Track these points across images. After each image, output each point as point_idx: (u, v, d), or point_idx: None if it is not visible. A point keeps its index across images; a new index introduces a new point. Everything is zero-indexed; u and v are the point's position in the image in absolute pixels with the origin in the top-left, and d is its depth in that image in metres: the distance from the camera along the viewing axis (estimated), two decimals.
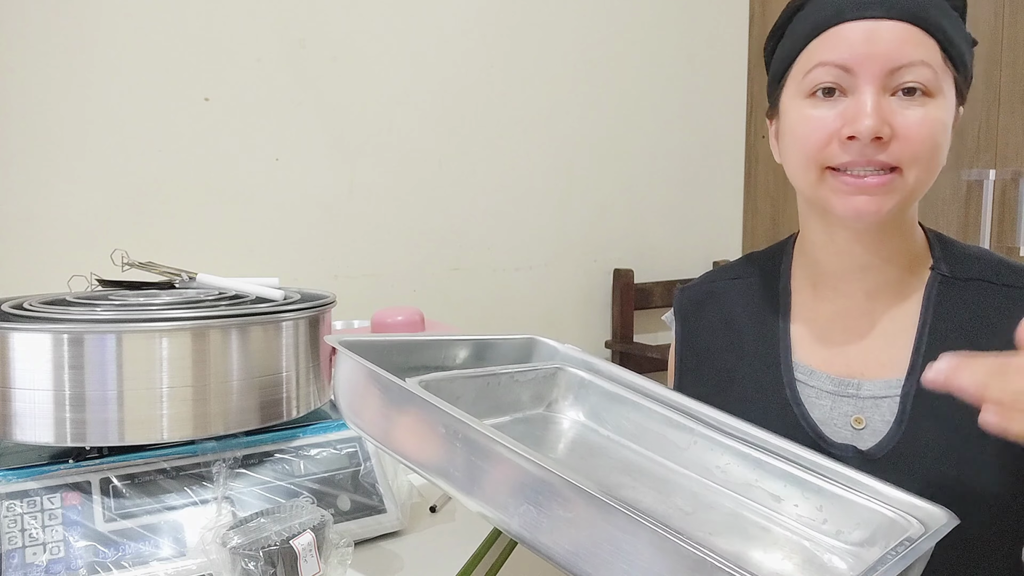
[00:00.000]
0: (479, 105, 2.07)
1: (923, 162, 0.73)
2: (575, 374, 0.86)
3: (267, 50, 1.77)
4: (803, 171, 0.77)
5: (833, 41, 0.74)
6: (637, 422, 0.81)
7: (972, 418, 0.75)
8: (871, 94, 0.72)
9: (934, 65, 0.72)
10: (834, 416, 0.81)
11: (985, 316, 0.77)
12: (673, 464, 0.78)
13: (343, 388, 0.68)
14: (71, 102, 1.57)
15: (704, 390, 0.86)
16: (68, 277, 0.97)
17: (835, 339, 0.83)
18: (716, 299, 0.93)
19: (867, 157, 0.72)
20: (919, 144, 0.72)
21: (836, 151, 0.74)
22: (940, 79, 0.73)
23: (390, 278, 1.98)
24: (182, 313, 0.78)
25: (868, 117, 0.71)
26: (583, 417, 0.85)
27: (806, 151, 0.76)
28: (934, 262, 0.81)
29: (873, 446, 0.78)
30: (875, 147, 0.72)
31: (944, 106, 0.73)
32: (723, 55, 2.54)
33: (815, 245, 0.84)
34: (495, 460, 0.57)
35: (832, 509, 0.70)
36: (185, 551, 0.74)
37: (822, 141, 0.74)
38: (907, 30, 0.72)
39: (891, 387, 0.79)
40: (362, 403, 0.67)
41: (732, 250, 2.61)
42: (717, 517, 0.71)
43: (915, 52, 0.71)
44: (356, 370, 0.66)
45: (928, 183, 0.75)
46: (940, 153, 0.74)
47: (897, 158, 0.72)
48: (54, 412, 0.74)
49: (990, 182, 2.07)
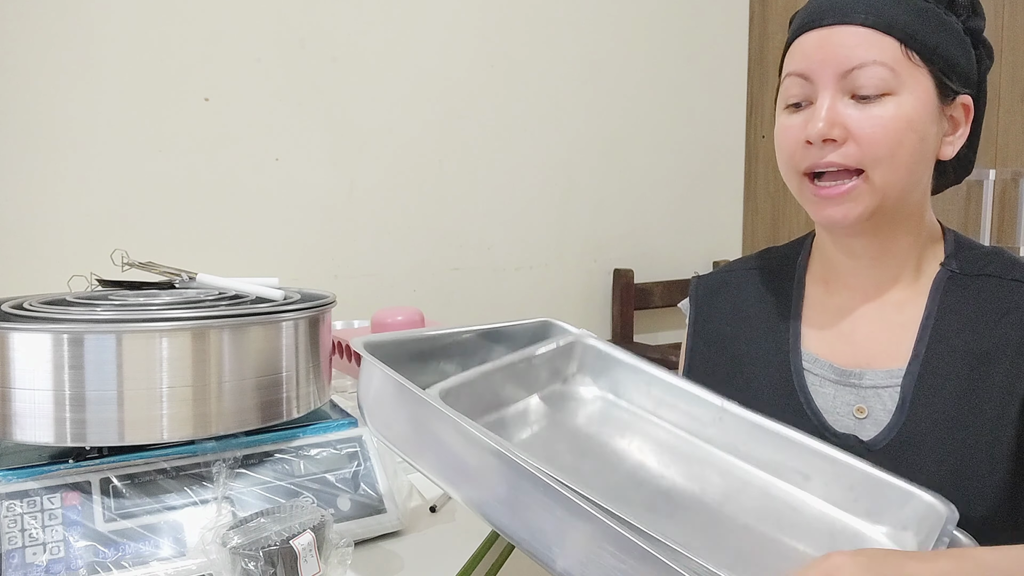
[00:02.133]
0: (479, 105, 2.07)
1: (884, 160, 0.74)
2: (592, 346, 0.84)
3: (267, 50, 1.76)
4: (787, 179, 0.82)
5: (796, 52, 0.78)
6: (659, 397, 0.80)
7: (972, 408, 0.75)
8: (827, 98, 0.75)
9: (891, 63, 0.73)
10: (837, 405, 0.82)
11: (990, 309, 0.78)
12: (699, 441, 0.77)
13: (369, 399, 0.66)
14: (71, 102, 1.57)
15: (713, 376, 0.87)
16: (68, 277, 0.97)
17: (842, 329, 0.84)
18: (730, 288, 0.95)
19: (826, 160, 0.75)
20: (875, 144, 0.73)
21: (800, 156, 0.77)
22: (902, 76, 0.73)
23: (390, 278, 1.98)
24: (182, 313, 0.78)
25: (820, 120, 0.74)
26: (603, 391, 0.83)
27: (783, 160, 0.80)
28: (946, 259, 0.82)
29: (875, 436, 0.78)
30: (830, 148, 0.75)
31: (910, 103, 0.74)
32: (723, 55, 2.54)
33: (825, 242, 0.86)
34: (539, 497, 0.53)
35: (864, 488, 0.70)
36: (185, 551, 0.74)
37: (791, 148, 0.78)
38: (859, 33, 0.74)
39: (893, 376, 0.80)
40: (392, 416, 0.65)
41: (732, 250, 2.61)
42: (749, 502, 0.71)
43: (867, 53, 0.73)
44: (384, 382, 0.64)
45: (903, 179, 0.76)
46: (903, 149, 0.74)
47: (857, 160, 0.74)
48: (54, 412, 0.73)
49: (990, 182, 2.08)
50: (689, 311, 0.98)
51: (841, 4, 0.75)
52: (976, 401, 0.76)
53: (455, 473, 0.60)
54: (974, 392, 0.76)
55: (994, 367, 0.75)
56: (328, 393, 0.94)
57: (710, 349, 0.94)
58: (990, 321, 0.77)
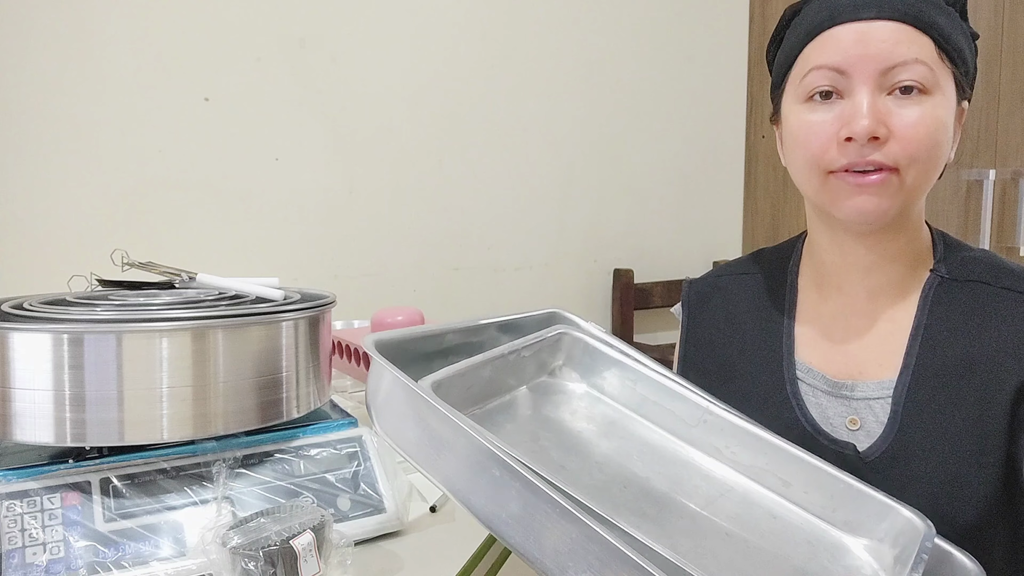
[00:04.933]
0: (479, 105, 2.07)
1: (921, 161, 0.72)
2: (579, 339, 0.82)
3: (267, 50, 1.76)
4: (807, 176, 0.78)
5: (827, 44, 0.75)
6: (644, 395, 0.79)
7: (962, 417, 0.75)
8: (866, 94, 0.72)
9: (929, 62, 0.72)
10: (830, 416, 0.81)
11: (979, 318, 0.77)
12: (682, 442, 0.77)
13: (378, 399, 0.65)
14: (71, 102, 1.57)
15: (705, 383, 0.86)
16: (68, 277, 0.97)
17: (835, 338, 0.84)
18: (722, 293, 0.94)
19: (865, 158, 0.72)
20: (916, 143, 0.72)
21: (835, 155, 0.74)
22: (937, 76, 0.72)
23: (390, 278, 1.98)
24: (182, 313, 0.78)
25: (864, 117, 0.71)
26: (589, 386, 0.82)
27: (807, 156, 0.76)
28: (935, 263, 0.81)
29: (868, 447, 0.78)
30: (872, 147, 0.72)
31: (942, 103, 0.73)
32: (723, 55, 2.54)
33: (821, 247, 0.85)
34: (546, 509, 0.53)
35: (843, 499, 0.70)
36: (185, 551, 0.74)
37: (822, 145, 0.75)
38: (900, 29, 0.72)
39: (884, 388, 0.79)
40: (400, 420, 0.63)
41: (732, 250, 2.61)
42: (730, 507, 0.70)
43: (909, 51, 0.71)
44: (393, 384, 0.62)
45: (929, 182, 0.75)
46: (939, 151, 0.73)
47: (895, 159, 0.72)
48: (54, 412, 0.73)
49: (990, 182, 2.08)
50: (681, 316, 0.97)
51: None
52: (966, 410, 0.75)
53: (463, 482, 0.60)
54: (964, 401, 0.75)
55: (982, 376, 0.75)
56: (328, 393, 0.94)
57: (702, 354, 0.93)
58: (979, 329, 0.77)
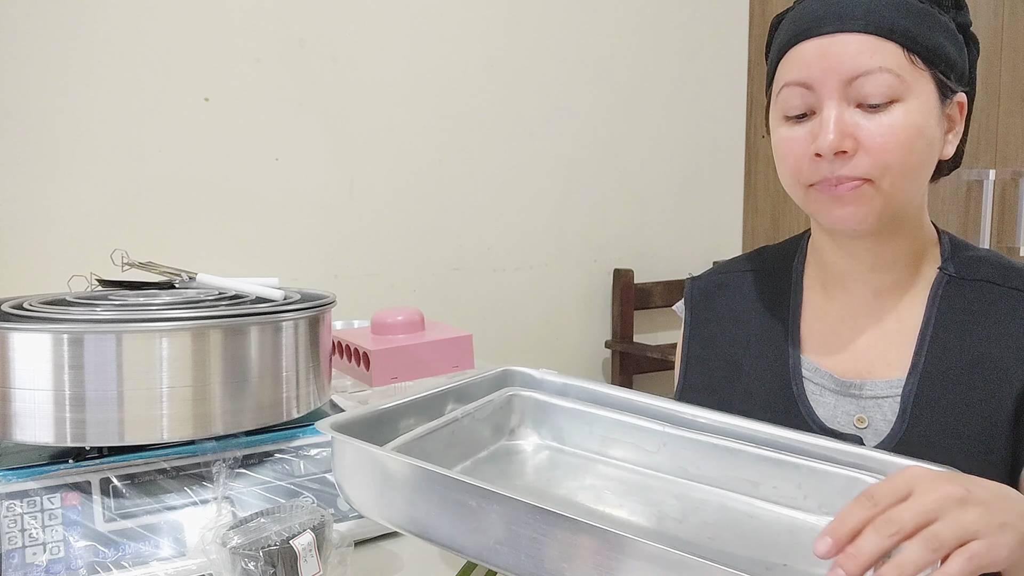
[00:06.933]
0: (479, 105, 2.07)
1: (895, 168, 0.72)
2: (529, 397, 0.84)
3: (267, 50, 1.76)
4: (791, 190, 0.80)
5: (794, 61, 0.76)
6: (602, 435, 0.81)
7: (968, 415, 0.75)
8: (832, 109, 0.73)
9: (896, 69, 0.72)
10: (837, 414, 0.82)
11: (988, 318, 0.77)
12: (649, 470, 0.78)
13: (345, 474, 0.65)
14: (71, 102, 1.57)
15: (710, 380, 0.86)
16: (68, 277, 0.97)
17: (842, 338, 0.84)
18: (726, 290, 0.94)
19: (835, 173, 0.73)
20: (886, 153, 0.72)
21: (809, 170, 0.75)
22: (908, 81, 0.72)
23: (390, 278, 1.98)
24: (182, 313, 0.78)
25: (830, 132, 0.72)
26: (547, 439, 0.84)
27: (786, 172, 0.79)
28: (942, 262, 0.82)
29: (875, 446, 0.78)
30: (842, 161, 0.73)
31: (917, 108, 0.73)
32: (723, 55, 2.54)
33: (824, 248, 0.85)
34: None
35: (810, 485, 0.70)
36: (185, 551, 0.74)
37: (796, 161, 0.76)
38: (862, 40, 0.72)
39: (892, 387, 0.79)
40: (369, 487, 0.64)
41: (732, 250, 2.61)
42: (709, 517, 0.71)
43: (872, 60, 0.71)
44: (357, 454, 0.63)
45: (912, 187, 0.75)
46: (914, 157, 0.73)
47: (865, 171, 0.72)
48: (54, 412, 0.74)
49: (990, 182, 2.08)
50: (684, 314, 0.97)
51: (839, 11, 0.73)
52: (974, 409, 0.75)
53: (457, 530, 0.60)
54: (972, 401, 0.75)
55: (991, 375, 0.75)
56: (328, 393, 0.94)
57: (706, 353, 0.93)
58: (988, 329, 0.77)
